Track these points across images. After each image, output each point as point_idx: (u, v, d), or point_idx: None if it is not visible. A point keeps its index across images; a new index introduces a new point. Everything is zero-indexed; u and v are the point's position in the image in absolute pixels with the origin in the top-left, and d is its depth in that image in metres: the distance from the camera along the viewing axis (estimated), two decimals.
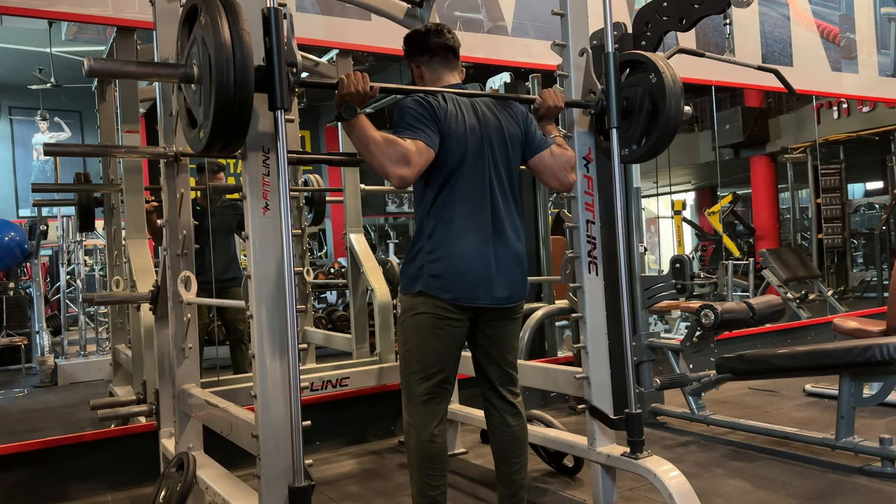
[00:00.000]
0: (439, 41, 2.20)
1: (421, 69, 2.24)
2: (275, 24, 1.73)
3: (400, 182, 1.94)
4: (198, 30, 1.73)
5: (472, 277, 2.07)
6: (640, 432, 2.28)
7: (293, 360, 1.76)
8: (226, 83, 1.63)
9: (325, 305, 8.03)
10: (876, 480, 2.76)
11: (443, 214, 2.08)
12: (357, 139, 1.94)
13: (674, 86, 2.37)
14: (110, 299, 3.86)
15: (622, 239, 2.34)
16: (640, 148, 2.47)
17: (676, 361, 3.72)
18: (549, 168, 2.23)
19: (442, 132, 2.04)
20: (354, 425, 3.63)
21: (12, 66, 8.97)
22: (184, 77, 1.80)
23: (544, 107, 2.27)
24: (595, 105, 2.38)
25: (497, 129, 2.16)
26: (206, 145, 1.74)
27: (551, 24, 3.21)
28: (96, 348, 6.62)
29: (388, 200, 14.25)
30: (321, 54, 4.29)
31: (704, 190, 14.29)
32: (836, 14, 6.41)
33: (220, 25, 1.64)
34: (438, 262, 2.06)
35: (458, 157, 2.07)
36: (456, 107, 2.10)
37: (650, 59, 2.42)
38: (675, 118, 2.37)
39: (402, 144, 1.94)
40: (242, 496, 2.07)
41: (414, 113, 2.03)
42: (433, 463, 2.14)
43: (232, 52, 1.63)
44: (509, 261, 2.14)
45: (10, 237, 6.66)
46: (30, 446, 3.03)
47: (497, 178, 2.14)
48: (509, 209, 2.17)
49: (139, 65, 2.12)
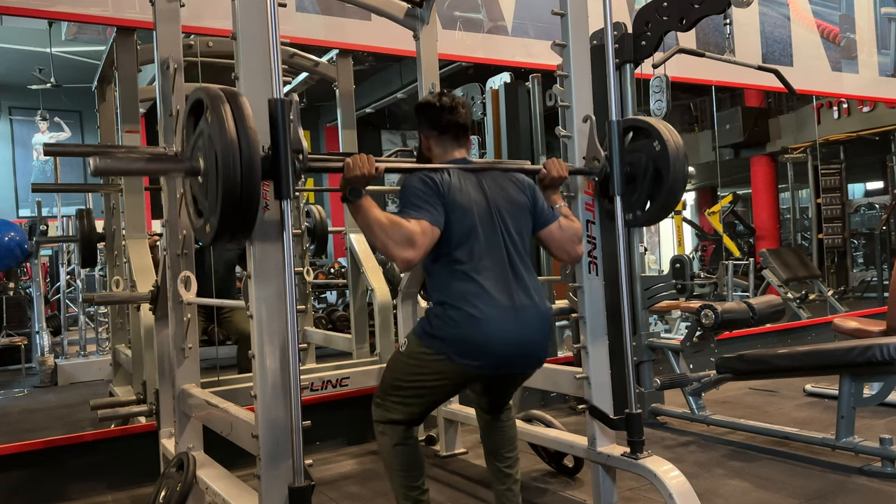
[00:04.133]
0: (451, 119, 2.18)
1: (430, 142, 2.23)
2: (281, 114, 1.74)
3: (405, 265, 1.93)
4: (203, 124, 1.73)
5: (496, 349, 2.01)
6: (640, 432, 2.28)
7: (293, 360, 1.76)
8: (232, 180, 1.63)
9: (325, 305, 8.03)
10: (876, 480, 2.76)
11: (462, 288, 2.02)
12: (362, 221, 1.93)
13: (677, 153, 2.37)
14: (110, 299, 3.86)
15: (622, 239, 2.34)
16: (644, 214, 2.48)
17: (676, 361, 3.72)
18: (557, 241, 2.24)
19: (446, 206, 2.02)
20: (354, 425, 3.63)
21: (12, 66, 8.97)
22: (190, 171, 1.80)
23: (549, 177, 2.27)
24: (599, 172, 2.38)
25: (505, 197, 2.14)
26: (213, 238, 1.74)
27: (551, 24, 3.21)
28: (96, 348, 6.61)
29: (388, 200, 14.25)
30: (321, 54, 4.29)
31: (704, 190, 14.27)
32: (836, 14, 6.41)
33: (226, 123, 1.64)
34: (463, 329, 1.99)
35: (466, 228, 2.04)
36: (460, 180, 2.08)
37: (654, 127, 2.41)
38: (679, 186, 2.38)
39: (407, 226, 1.92)
40: (242, 496, 2.07)
41: (417, 192, 2.01)
42: (409, 464, 2.15)
43: (238, 148, 1.63)
44: (534, 329, 2.08)
45: (10, 237, 6.66)
46: (30, 446, 3.03)
47: (513, 245, 2.10)
48: (530, 272, 2.13)
49: (147, 161, 2.10)
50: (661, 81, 4.18)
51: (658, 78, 4.18)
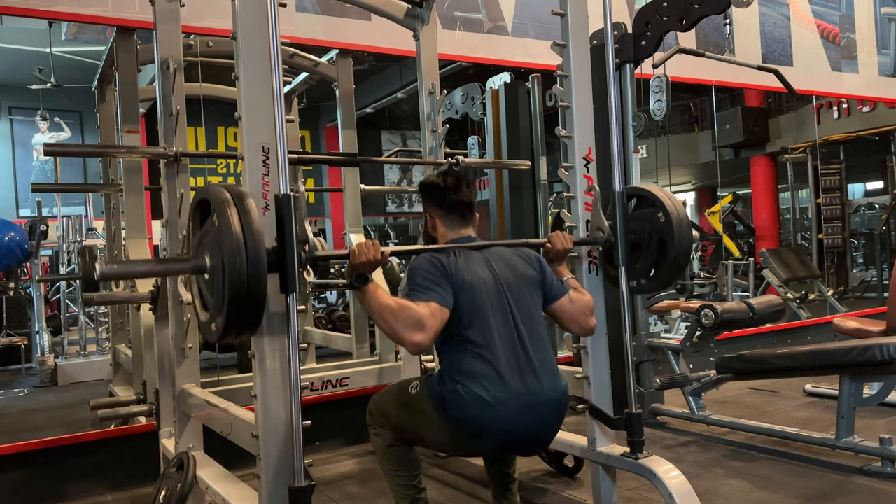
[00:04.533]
0: (456, 198, 2.20)
1: (436, 220, 2.23)
2: (286, 209, 1.75)
3: (415, 348, 1.92)
4: (210, 226, 1.74)
5: (507, 437, 2.00)
6: (640, 432, 2.28)
7: (293, 360, 1.76)
8: (239, 282, 1.64)
9: (325, 305, 8.03)
10: (876, 480, 2.76)
11: (474, 369, 1.99)
12: (370, 307, 1.93)
13: (681, 225, 2.36)
14: (110, 299, 3.86)
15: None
16: (648, 283, 2.47)
17: (676, 361, 3.72)
18: (569, 315, 2.22)
19: (455, 287, 2.01)
20: (354, 425, 3.62)
21: (12, 66, 8.99)
22: (196, 269, 1.80)
23: (553, 250, 2.27)
24: (604, 242, 2.38)
25: (513, 274, 2.14)
26: (220, 336, 1.74)
27: (551, 24, 3.21)
28: (96, 348, 6.61)
29: (388, 200, 14.27)
30: (321, 54, 4.29)
31: (704, 190, 14.31)
32: (836, 14, 6.41)
33: (233, 226, 1.65)
34: (477, 415, 1.96)
35: (475, 308, 2.02)
36: (467, 260, 2.08)
37: (658, 197, 2.41)
38: (683, 257, 2.38)
39: (415, 309, 1.91)
40: (242, 496, 2.07)
41: (425, 273, 2.01)
42: (403, 463, 2.16)
43: (245, 254, 1.64)
44: (545, 418, 2.06)
45: (10, 237, 6.66)
46: (30, 446, 3.03)
47: (524, 322, 2.08)
48: (544, 350, 2.10)
49: (154, 263, 2.11)
50: (661, 81, 4.18)
51: (658, 78, 4.18)
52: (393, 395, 2.21)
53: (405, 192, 14.36)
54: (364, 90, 10.42)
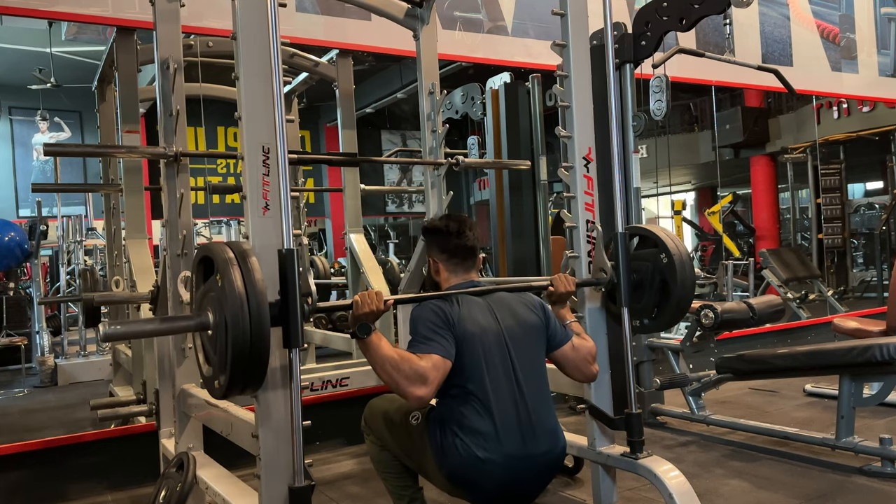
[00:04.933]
0: (459, 243, 2.19)
1: (439, 265, 2.23)
2: (290, 264, 1.74)
3: (418, 402, 1.91)
4: (213, 284, 1.73)
5: (492, 492, 2.01)
6: (640, 432, 2.28)
7: (293, 360, 1.76)
8: (242, 342, 1.63)
9: None
10: (876, 480, 2.76)
11: (472, 422, 1.99)
12: (372, 358, 1.92)
13: (684, 266, 2.36)
14: (110, 299, 3.86)
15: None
16: (652, 322, 2.47)
17: (676, 361, 3.72)
18: (572, 362, 2.21)
19: (457, 338, 2.01)
20: (354, 425, 3.58)
21: (12, 66, 8.99)
22: (199, 326, 1.80)
23: (556, 293, 2.27)
24: (606, 283, 2.38)
25: (515, 320, 2.13)
26: (223, 394, 1.74)
27: (551, 24, 3.21)
28: (96, 348, 6.61)
29: (388, 200, 14.27)
30: (321, 54, 4.29)
31: (704, 190, 14.30)
32: (836, 14, 6.41)
33: (236, 286, 1.64)
34: (470, 471, 1.98)
35: (476, 360, 2.02)
36: (470, 310, 2.07)
37: (660, 238, 2.40)
38: (686, 299, 2.38)
39: (418, 363, 1.90)
40: (242, 496, 2.07)
41: (428, 323, 2.01)
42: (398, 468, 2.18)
43: (248, 311, 1.63)
44: (537, 478, 2.07)
45: (10, 237, 6.66)
46: (30, 446, 3.03)
47: (524, 372, 2.07)
48: (543, 405, 2.10)
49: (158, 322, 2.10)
50: (661, 81, 4.18)
51: (658, 78, 4.18)
52: (391, 416, 2.20)
53: (405, 192, 14.37)
54: (364, 90, 10.42)
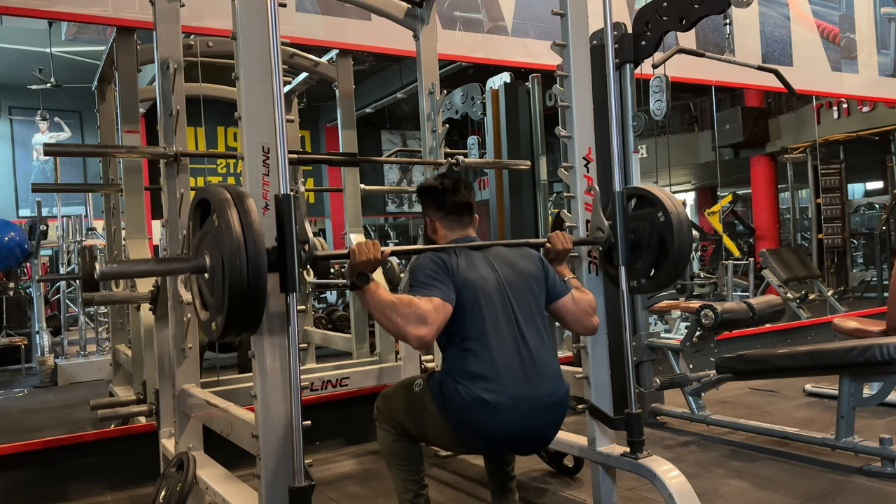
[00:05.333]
0: (455, 200, 2.20)
1: (435, 224, 2.24)
2: (287, 209, 1.75)
3: (419, 342, 1.91)
4: (210, 225, 1.74)
5: (505, 437, 2.00)
6: (640, 432, 2.28)
7: (293, 360, 1.76)
8: (239, 282, 1.64)
9: (325, 305, 8.03)
10: (876, 480, 2.76)
11: (475, 367, 1.99)
12: (371, 305, 1.93)
13: (681, 225, 2.37)
14: (110, 299, 3.86)
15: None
16: (649, 282, 2.47)
17: (676, 361, 3.72)
18: (572, 314, 2.22)
19: (457, 285, 2.01)
20: (354, 425, 3.63)
21: (12, 66, 8.99)
22: (196, 269, 1.80)
23: (553, 250, 2.27)
24: (604, 242, 2.38)
25: (514, 271, 2.14)
26: (220, 335, 1.74)
27: (551, 24, 3.21)
28: (96, 348, 6.61)
29: (388, 200, 14.27)
30: (321, 54, 4.29)
31: (704, 190, 14.31)
32: (836, 14, 6.41)
33: (233, 226, 1.65)
34: (475, 415, 1.97)
35: (477, 307, 2.02)
36: (468, 260, 2.09)
37: (657, 197, 2.41)
38: (684, 257, 2.38)
39: (418, 304, 1.91)
40: (242, 496, 2.07)
41: (427, 270, 2.02)
42: (407, 459, 2.17)
43: (245, 253, 1.64)
44: (547, 417, 2.07)
45: (10, 237, 6.66)
46: (30, 446, 3.03)
47: (526, 320, 2.08)
48: (546, 350, 2.10)
49: (154, 262, 2.11)
50: (661, 81, 4.18)
51: (658, 78, 4.18)
52: (399, 392, 2.21)
53: (405, 192, 14.36)
54: (364, 90, 10.42)
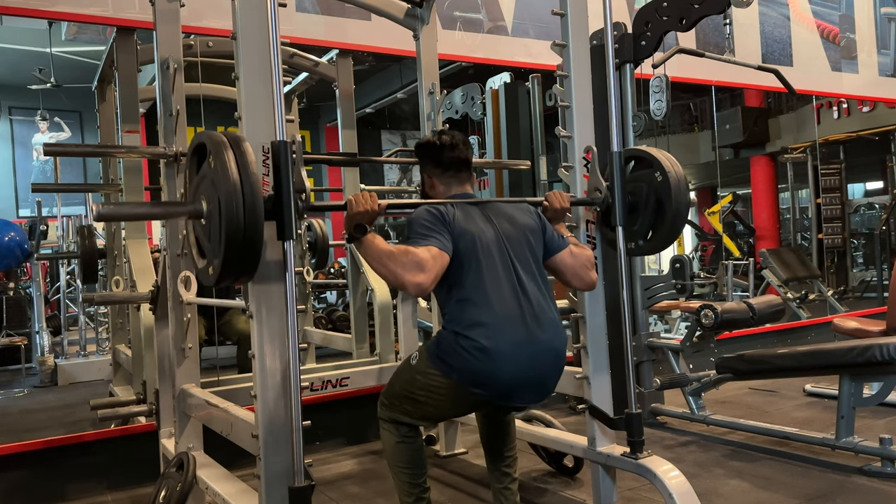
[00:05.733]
0: (453, 156, 2.20)
1: (433, 180, 2.24)
2: (283, 156, 1.75)
3: (417, 290, 1.91)
4: (207, 169, 1.74)
5: (505, 382, 2.00)
6: (640, 432, 2.28)
7: (293, 360, 1.76)
8: (236, 227, 1.64)
9: (325, 305, 8.03)
10: (876, 480, 2.76)
11: (474, 316, 2.00)
12: (369, 255, 1.93)
13: (679, 185, 2.37)
14: (110, 299, 3.86)
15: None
16: (647, 243, 2.48)
17: (676, 361, 3.72)
18: (570, 268, 2.21)
19: (454, 236, 2.02)
20: (354, 425, 3.63)
21: (12, 66, 8.98)
22: (193, 214, 1.80)
23: (551, 209, 2.28)
24: (601, 203, 2.38)
25: (512, 224, 2.14)
26: (216, 280, 1.74)
27: (551, 24, 3.20)
28: (96, 348, 6.61)
29: (387, 197, 14.24)
30: (321, 54, 4.29)
31: (704, 190, 14.29)
32: (836, 14, 6.41)
33: (229, 168, 1.65)
34: (474, 361, 1.97)
35: (475, 257, 2.03)
36: (465, 212, 2.09)
37: (655, 158, 2.41)
38: (681, 217, 2.38)
39: (416, 252, 1.91)
40: (242, 496, 2.07)
41: (424, 222, 2.02)
42: (412, 461, 2.15)
43: (241, 196, 1.64)
44: (547, 364, 2.07)
45: (10, 237, 6.66)
46: (30, 446, 3.03)
47: (525, 271, 2.09)
48: (545, 300, 2.10)
49: (150, 205, 2.13)
50: (661, 81, 4.18)
51: (658, 78, 4.19)
52: (398, 375, 2.22)
53: (405, 192, 14.35)
54: (364, 90, 10.41)
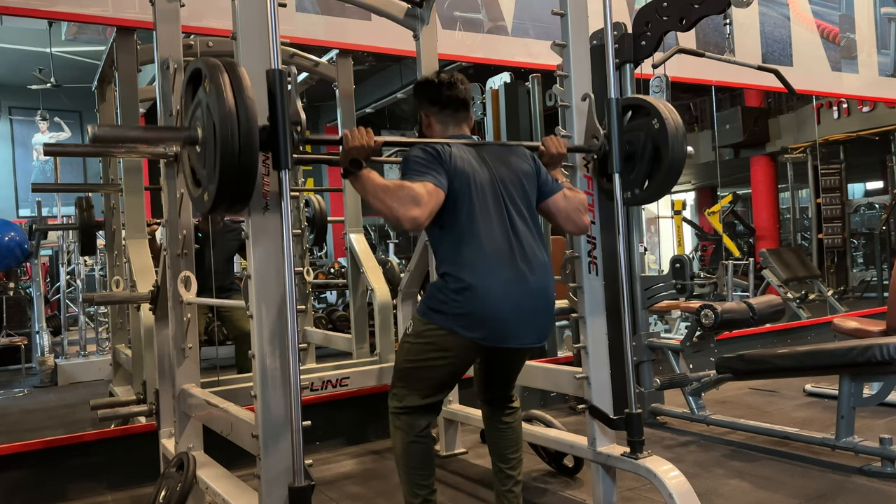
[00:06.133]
0: (451, 94, 2.20)
1: (430, 119, 2.23)
2: (279, 85, 1.74)
3: (412, 223, 1.91)
4: (202, 94, 1.73)
5: (499, 318, 2.02)
6: (640, 432, 2.28)
7: (293, 360, 1.76)
8: (231, 149, 1.63)
9: (325, 305, 8.03)
10: (876, 480, 2.76)
11: (465, 255, 2.02)
12: (365, 190, 1.94)
13: (676, 131, 2.37)
14: (110, 299, 3.86)
15: (622, 239, 2.34)
16: (643, 192, 2.48)
17: (676, 361, 3.72)
18: (563, 211, 2.22)
19: (449, 174, 2.02)
20: (354, 425, 3.63)
21: (12, 66, 8.98)
22: (188, 140, 1.80)
23: (548, 154, 2.28)
24: (598, 150, 2.38)
25: (507, 167, 2.15)
26: (210, 208, 1.73)
27: (551, 24, 3.20)
28: (96, 348, 6.61)
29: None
30: (321, 54, 4.29)
31: (704, 190, 14.29)
32: (836, 14, 6.41)
33: (225, 93, 1.64)
34: (464, 301, 2.00)
35: (469, 195, 2.04)
36: (461, 151, 2.09)
37: (653, 105, 2.42)
38: (678, 164, 2.38)
39: (412, 187, 1.92)
40: (242, 496, 2.07)
41: (419, 160, 2.02)
42: (421, 463, 2.15)
43: (237, 118, 1.64)
44: (537, 301, 2.09)
45: (10, 237, 6.66)
46: (30, 446, 3.03)
47: (517, 212, 2.11)
48: (536, 241, 2.13)
49: (144, 129, 2.12)
50: (661, 81, 4.18)
51: (658, 78, 4.18)
52: (397, 355, 2.22)
53: None
54: (364, 90, 10.41)
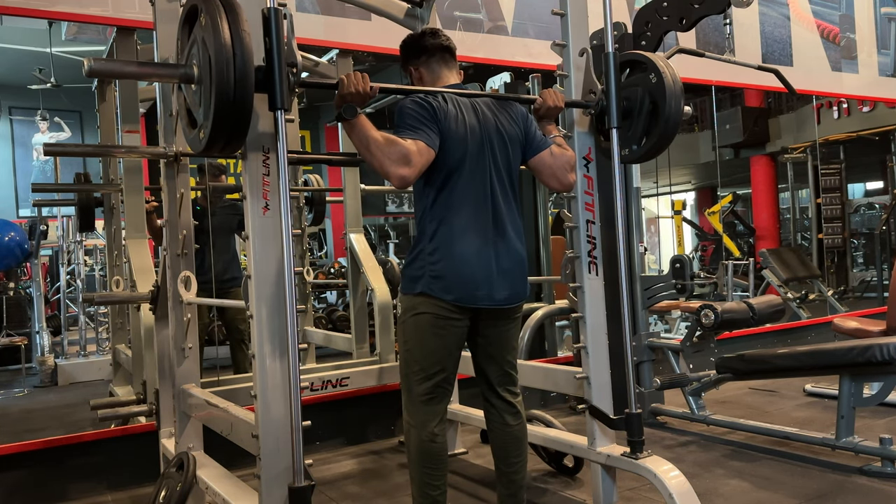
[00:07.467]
0: (435, 41, 2.22)
1: (420, 70, 2.24)
2: (275, 24, 1.73)
3: (400, 182, 1.94)
4: (198, 30, 1.73)
5: (472, 279, 2.07)
6: (640, 432, 2.28)
7: (293, 360, 1.76)
8: (226, 84, 1.63)
9: (325, 305, 8.03)
10: (876, 480, 2.76)
11: (443, 215, 2.08)
12: (357, 139, 1.95)
13: (674, 86, 2.37)
14: (110, 299, 3.86)
15: (622, 239, 2.34)
16: (640, 148, 2.47)
17: (676, 361, 3.72)
18: (548, 168, 2.23)
19: (442, 132, 2.04)
20: (354, 425, 3.63)
21: (12, 66, 8.97)
22: (184, 77, 1.80)
23: (544, 107, 2.28)
24: (595, 105, 2.38)
25: (497, 129, 2.17)
26: (206, 145, 1.73)
27: (551, 24, 3.20)
28: (96, 348, 6.62)
29: (388, 200, 14.24)
30: (321, 54, 4.29)
31: (704, 190, 14.29)
32: (836, 14, 6.41)
33: (221, 26, 1.64)
34: (439, 263, 2.06)
35: (458, 157, 2.07)
36: (456, 107, 2.10)
37: (650, 60, 2.42)
38: (675, 118, 2.38)
39: (403, 144, 1.94)
40: (242, 496, 2.07)
41: (414, 114, 2.03)
42: (433, 462, 2.14)
43: (232, 52, 1.64)
44: (510, 261, 2.14)
45: (10, 237, 6.66)
46: (30, 446, 3.03)
47: (498, 179, 2.15)
48: (510, 209, 2.18)
49: (139, 65, 2.13)
50: None
51: None
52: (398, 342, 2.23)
53: (405, 192, 14.35)
54: None
